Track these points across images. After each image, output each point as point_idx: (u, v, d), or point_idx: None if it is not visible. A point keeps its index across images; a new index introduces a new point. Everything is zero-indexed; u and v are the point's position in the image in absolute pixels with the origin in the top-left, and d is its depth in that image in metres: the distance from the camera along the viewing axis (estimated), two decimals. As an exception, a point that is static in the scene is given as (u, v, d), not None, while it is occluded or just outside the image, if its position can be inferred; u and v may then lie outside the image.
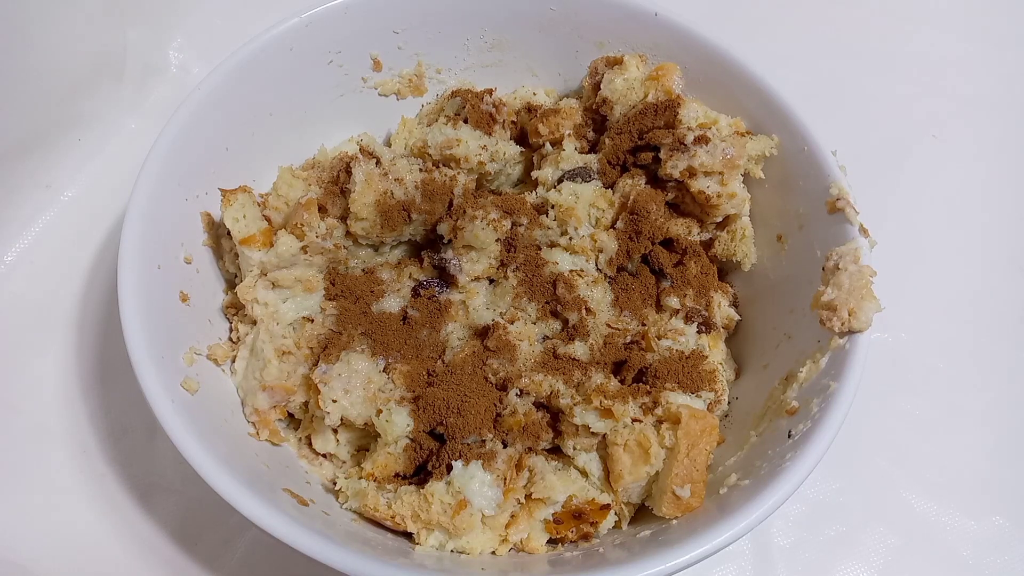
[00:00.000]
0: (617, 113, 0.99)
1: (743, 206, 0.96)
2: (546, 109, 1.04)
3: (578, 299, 0.91)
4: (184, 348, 0.85)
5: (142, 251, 0.82)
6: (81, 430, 0.99)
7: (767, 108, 0.95)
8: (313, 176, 0.97)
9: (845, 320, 0.81)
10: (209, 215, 0.94)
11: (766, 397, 0.89)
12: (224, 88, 0.93)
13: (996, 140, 1.29)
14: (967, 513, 1.01)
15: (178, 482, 0.95)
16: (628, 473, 0.81)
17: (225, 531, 0.94)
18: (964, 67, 1.35)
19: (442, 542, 0.79)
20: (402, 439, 0.83)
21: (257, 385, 0.86)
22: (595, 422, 0.81)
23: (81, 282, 1.08)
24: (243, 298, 0.89)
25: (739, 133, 0.96)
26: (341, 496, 0.84)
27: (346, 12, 0.99)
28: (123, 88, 1.21)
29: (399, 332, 0.90)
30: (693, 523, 0.76)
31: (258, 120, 0.99)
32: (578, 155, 1.00)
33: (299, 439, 0.90)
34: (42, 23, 1.08)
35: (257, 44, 0.95)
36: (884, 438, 1.05)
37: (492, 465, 0.79)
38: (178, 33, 1.27)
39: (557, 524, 0.82)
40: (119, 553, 0.92)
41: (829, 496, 1.01)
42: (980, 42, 1.38)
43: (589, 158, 1.00)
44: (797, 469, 0.72)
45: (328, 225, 0.92)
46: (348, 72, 1.05)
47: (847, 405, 0.76)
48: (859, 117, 1.27)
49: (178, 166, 0.89)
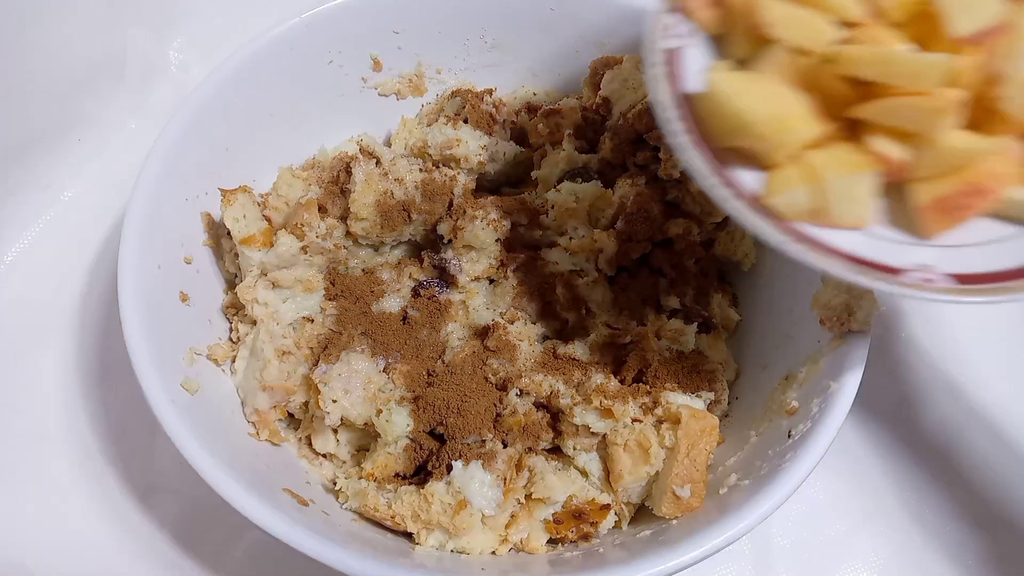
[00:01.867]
0: (616, 113, 0.99)
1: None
2: (546, 109, 1.04)
3: (578, 299, 0.91)
4: (184, 348, 0.85)
5: (142, 251, 0.82)
6: (81, 430, 0.99)
7: (767, 108, 0.95)
8: (313, 176, 0.97)
9: (845, 320, 0.81)
10: (209, 215, 0.94)
11: (766, 397, 0.89)
12: (224, 88, 0.93)
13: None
14: (967, 513, 1.01)
15: (178, 482, 0.95)
16: (628, 473, 0.81)
17: (225, 531, 0.94)
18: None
19: (442, 542, 0.79)
20: (402, 439, 0.83)
21: (257, 385, 0.86)
22: (595, 422, 0.81)
23: (81, 282, 1.08)
24: (243, 298, 0.89)
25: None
26: (341, 496, 0.84)
27: (346, 12, 1.00)
28: (123, 88, 1.21)
29: (399, 332, 0.90)
30: (693, 523, 0.76)
31: (258, 120, 0.99)
32: (578, 155, 1.00)
33: (299, 439, 0.90)
34: (42, 23, 1.09)
35: (257, 44, 0.95)
36: (884, 438, 1.05)
37: (492, 465, 0.80)
38: (178, 33, 1.27)
39: (557, 524, 0.82)
40: (119, 553, 0.92)
41: (829, 496, 1.01)
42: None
43: (589, 158, 1.00)
44: (797, 469, 0.72)
45: (328, 225, 0.92)
46: (348, 72, 1.05)
47: (847, 405, 0.76)
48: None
49: (178, 166, 0.89)
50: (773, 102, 0.64)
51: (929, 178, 0.64)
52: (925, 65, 0.61)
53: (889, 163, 0.64)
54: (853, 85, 0.64)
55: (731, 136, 0.65)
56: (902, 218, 0.66)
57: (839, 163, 0.64)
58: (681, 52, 0.70)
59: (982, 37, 0.61)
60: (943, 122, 0.61)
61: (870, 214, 0.65)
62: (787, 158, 0.65)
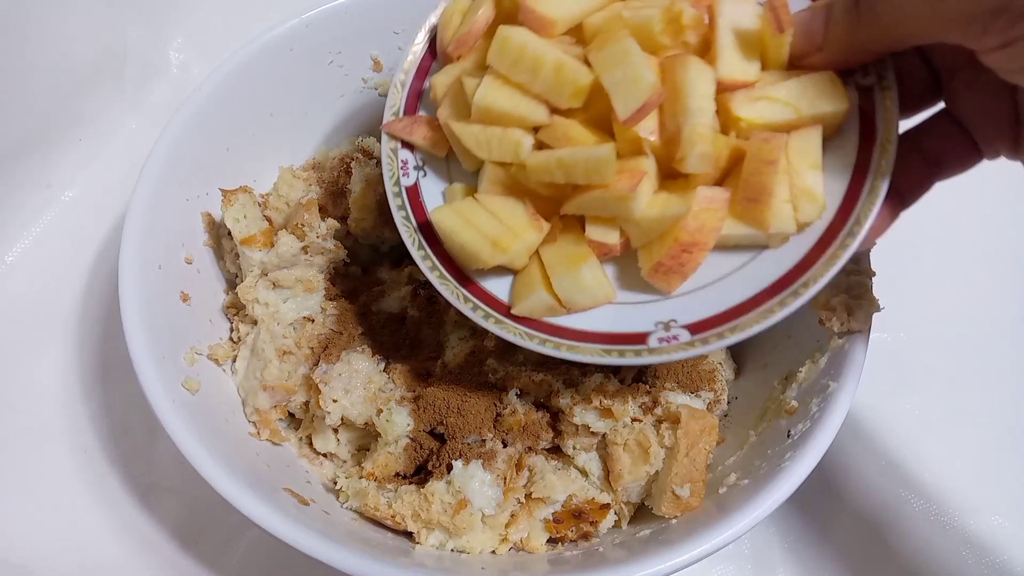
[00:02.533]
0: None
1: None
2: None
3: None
4: (185, 348, 0.85)
5: (143, 251, 0.83)
6: (81, 430, 0.99)
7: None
8: (314, 176, 0.97)
9: (844, 320, 0.81)
10: (210, 215, 0.94)
11: (765, 397, 0.89)
12: (225, 89, 0.93)
13: (995, 140, 1.29)
14: (967, 513, 1.01)
15: (179, 482, 0.95)
16: (628, 472, 0.81)
17: (226, 531, 0.94)
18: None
19: (442, 541, 0.79)
20: (402, 439, 0.83)
21: (258, 385, 0.86)
22: (595, 422, 0.81)
23: (82, 282, 1.08)
24: (244, 298, 0.89)
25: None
26: (342, 495, 0.84)
27: (346, 12, 1.00)
28: (123, 88, 1.21)
29: (399, 332, 0.90)
30: (693, 522, 0.76)
31: (259, 120, 0.99)
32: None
33: (300, 439, 0.91)
34: (42, 23, 1.08)
35: (257, 44, 0.95)
36: (883, 438, 1.05)
37: (492, 465, 0.80)
38: (178, 33, 1.27)
39: (557, 523, 0.82)
40: (119, 553, 0.92)
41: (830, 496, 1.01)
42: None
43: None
44: (796, 469, 0.72)
45: (329, 225, 0.93)
46: (348, 73, 1.05)
47: (846, 405, 0.76)
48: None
49: (179, 166, 0.89)
50: (492, 226, 0.68)
51: (648, 245, 0.68)
52: (596, 161, 0.62)
53: (609, 247, 0.68)
54: (556, 186, 0.67)
55: (471, 262, 0.70)
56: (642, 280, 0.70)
57: (564, 259, 0.68)
58: (418, 187, 0.75)
59: (645, 112, 0.62)
60: (632, 204, 0.63)
61: (611, 291, 0.69)
62: (527, 261, 0.70)
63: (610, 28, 0.65)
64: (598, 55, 0.63)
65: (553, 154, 0.65)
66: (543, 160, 0.65)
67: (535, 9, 0.67)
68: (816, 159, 0.65)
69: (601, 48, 0.63)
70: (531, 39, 0.66)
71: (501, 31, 0.66)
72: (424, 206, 0.75)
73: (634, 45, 0.62)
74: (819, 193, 0.65)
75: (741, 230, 0.66)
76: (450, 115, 0.72)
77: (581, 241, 0.68)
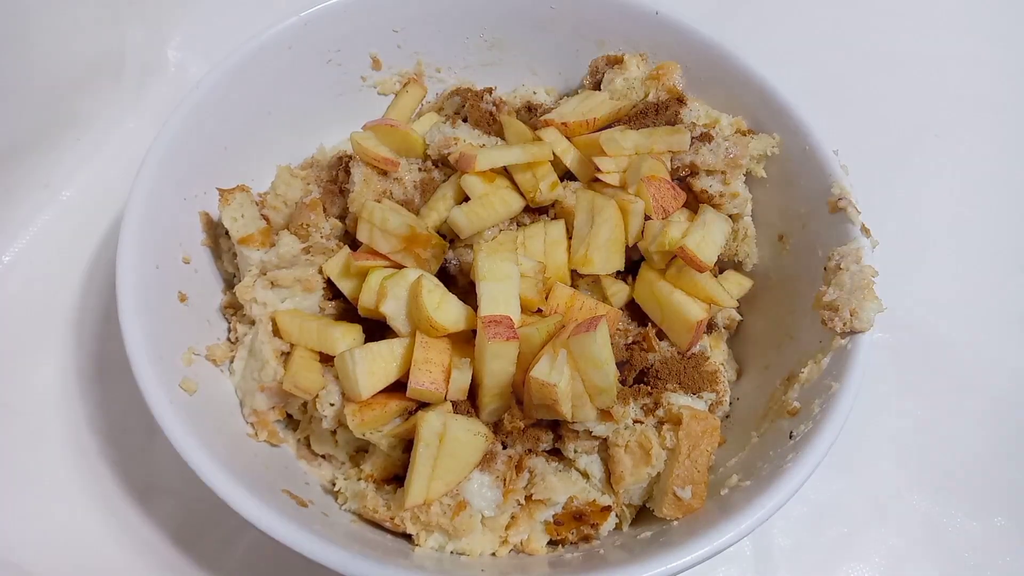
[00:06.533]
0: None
1: (745, 206, 0.96)
2: (546, 108, 1.03)
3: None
4: (183, 348, 0.84)
5: (140, 251, 0.82)
6: (79, 430, 0.98)
7: (768, 107, 0.94)
8: (312, 175, 0.97)
9: (847, 320, 0.80)
10: (207, 215, 0.94)
11: (767, 398, 0.88)
12: (222, 87, 0.93)
13: (999, 140, 1.29)
14: (969, 514, 1.01)
15: (177, 483, 0.95)
16: (629, 474, 0.80)
17: (224, 532, 0.93)
18: (967, 66, 1.35)
19: (442, 543, 0.78)
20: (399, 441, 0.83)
21: (255, 386, 0.86)
22: (595, 425, 0.81)
23: (79, 282, 1.08)
24: (242, 298, 0.89)
25: (741, 132, 0.96)
26: (340, 497, 0.84)
27: (345, 11, 0.99)
28: (122, 87, 1.20)
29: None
30: (694, 524, 0.75)
31: (257, 119, 0.98)
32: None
33: (298, 440, 0.90)
34: (41, 23, 1.08)
35: (256, 43, 0.95)
36: (886, 438, 1.05)
37: (492, 466, 0.79)
38: (177, 32, 1.27)
39: (558, 526, 0.82)
40: (118, 554, 0.92)
41: (831, 497, 1.01)
42: (983, 41, 1.37)
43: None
44: (798, 470, 0.72)
45: (332, 225, 0.92)
46: (347, 71, 1.05)
47: (848, 406, 0.76)
48: (861, 116, 1.26)
49: (176, 166, 0.88)
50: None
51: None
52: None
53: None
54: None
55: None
56: None
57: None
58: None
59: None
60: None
61: None
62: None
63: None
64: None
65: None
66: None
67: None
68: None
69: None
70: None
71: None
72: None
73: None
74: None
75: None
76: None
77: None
